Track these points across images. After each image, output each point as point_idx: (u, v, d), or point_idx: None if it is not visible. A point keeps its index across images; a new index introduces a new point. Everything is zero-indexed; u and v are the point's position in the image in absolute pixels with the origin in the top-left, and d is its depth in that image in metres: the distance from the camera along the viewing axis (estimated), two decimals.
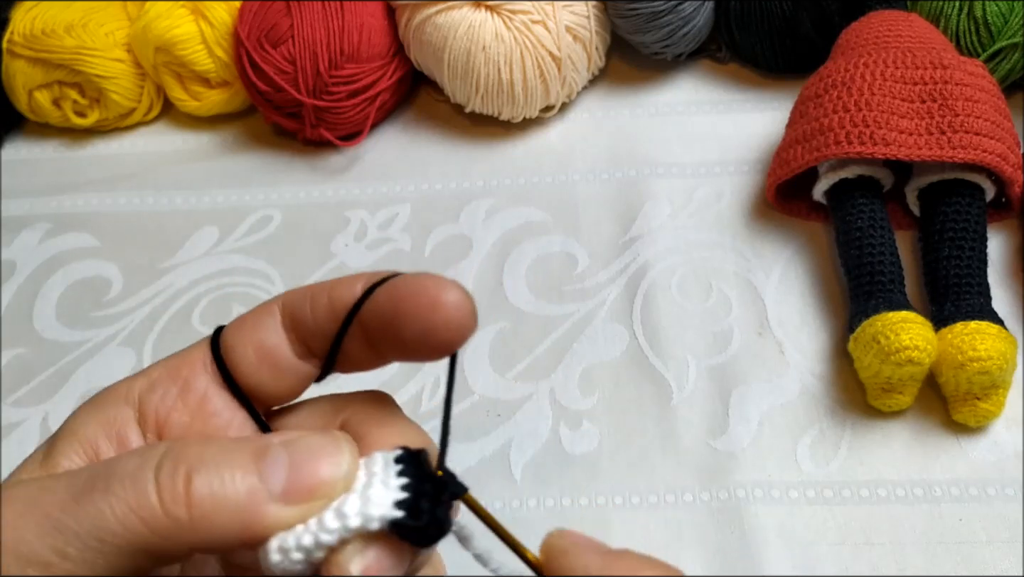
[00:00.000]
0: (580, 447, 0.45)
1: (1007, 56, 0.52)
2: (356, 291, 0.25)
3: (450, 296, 0.23)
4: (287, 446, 0.22)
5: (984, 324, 0.42)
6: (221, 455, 0.21)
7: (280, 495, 0.21)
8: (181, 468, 0.21)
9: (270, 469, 0.21)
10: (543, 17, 0.54)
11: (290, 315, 0.25)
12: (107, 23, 0.59)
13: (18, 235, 0.57)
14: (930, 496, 0.42)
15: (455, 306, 0.23)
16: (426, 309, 0.23)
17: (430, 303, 0.23)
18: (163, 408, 0.25)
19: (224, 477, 0.21)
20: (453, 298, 0.23)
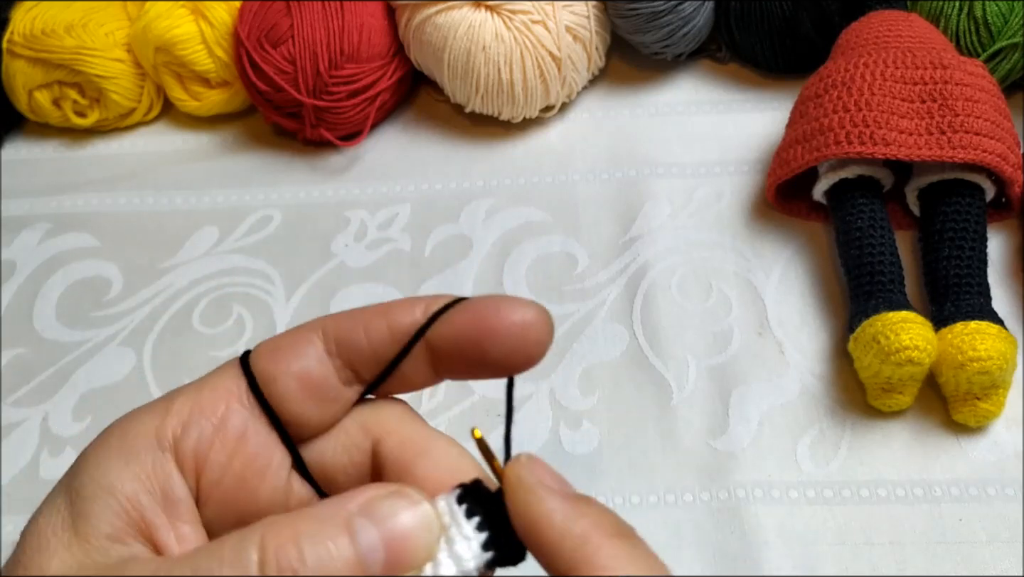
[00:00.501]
0: (580, 447, 0.45)
1: (1007, 56, 0.52)
2: (416, 316, 0.24)
3: (535, 315, 0.24)
4: (370, 517, 0.21)
5: (984, 324, 0.42)
6: (316, 531, 0.20)
7: (382, 569, 0.21)
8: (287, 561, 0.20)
9: (364, 545, 0.21)
10: (543, 17, 0.54)
11: (338, 342, 0.25)
12: (107, 23, 0.59)
13: (18, 235, 0.57)
14: (930, 496, 0.42)
15: (541, 325, 0.24)
16: (517, 328, 0.24)
17: (520, 324, 0.24)
18: (201, 449, 0.24)
19: (326, 552, 0.20)
20: (539, 317, 0.24)
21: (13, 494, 0.45)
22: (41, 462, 0.47)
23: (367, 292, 0.52)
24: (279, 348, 0.25)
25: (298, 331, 0.25)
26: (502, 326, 0.24)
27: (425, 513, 0.22)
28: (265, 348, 0.25)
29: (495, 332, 0.24)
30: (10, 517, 0.44)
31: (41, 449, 0.47)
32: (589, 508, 0.22)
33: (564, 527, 0.21)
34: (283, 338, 0.25)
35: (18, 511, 0.45)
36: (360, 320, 0.25)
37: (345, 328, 0.25)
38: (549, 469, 0.23)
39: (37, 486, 0.46)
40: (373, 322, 0.25)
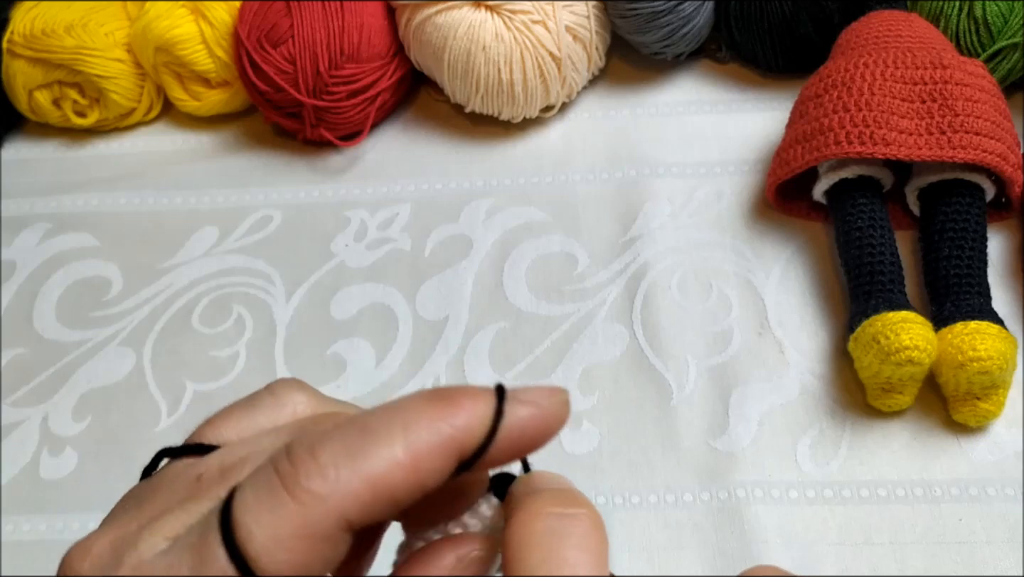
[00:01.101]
0: (580, 447, 0.45)
1: (1007, 56, 0.52)
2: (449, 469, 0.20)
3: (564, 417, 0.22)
4: None
5: (984, 324, 0.42)
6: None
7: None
8: None
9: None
10: (543, 17, 0.54)
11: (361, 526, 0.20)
12: (107, 23, 0.59)
13: (18, 235, 0.57)
14: (930, 496, 0.42)
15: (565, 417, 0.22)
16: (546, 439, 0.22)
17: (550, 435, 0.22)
18: None
19: None
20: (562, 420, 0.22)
21: (13, 494, 0.45)
22: (41, 462, 0.47)
23: (367, 292, 0.52)
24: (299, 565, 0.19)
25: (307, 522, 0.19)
26: (535, 443, 0.22)
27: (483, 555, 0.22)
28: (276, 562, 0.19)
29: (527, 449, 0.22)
30: (10, 517, 0.44)
31: (41, 449, 0.47)
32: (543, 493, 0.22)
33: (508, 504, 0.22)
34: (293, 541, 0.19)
35: (18, 511, 0.45)
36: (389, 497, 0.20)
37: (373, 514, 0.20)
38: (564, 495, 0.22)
39: (37, 486, 0.46)
40: (403, 494, 0.20)
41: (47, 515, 0.45)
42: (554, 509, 0.21)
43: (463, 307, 0.50)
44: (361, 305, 0.51)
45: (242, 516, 0.19)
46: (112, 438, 0.47)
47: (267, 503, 0.19)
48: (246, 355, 0.50)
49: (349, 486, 0.19)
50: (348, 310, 0.51)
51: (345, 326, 0.50)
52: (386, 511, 0.20)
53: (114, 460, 0.47)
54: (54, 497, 0.45)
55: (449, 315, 0.50)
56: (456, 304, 0.50)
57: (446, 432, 0.20)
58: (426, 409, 0.20)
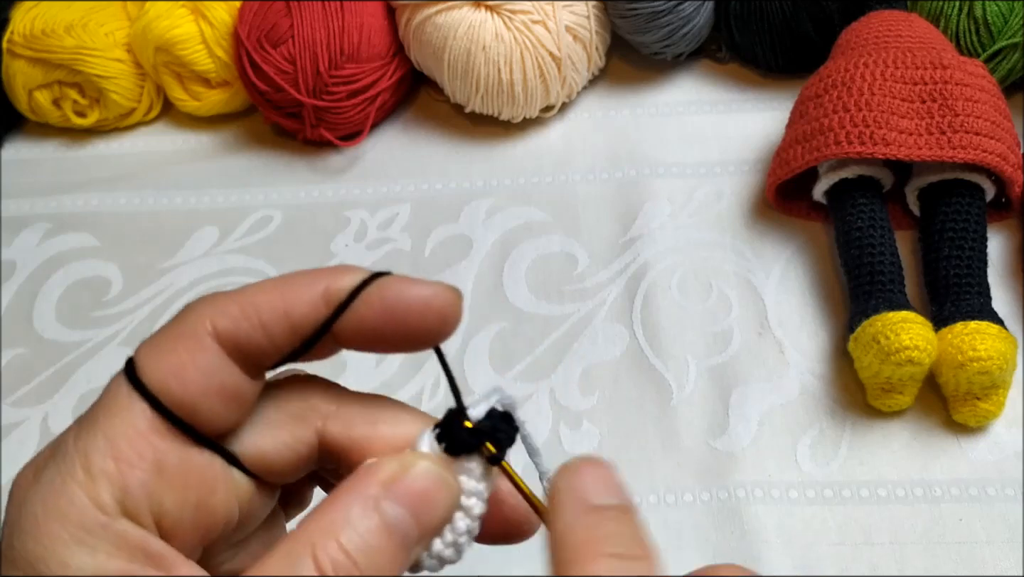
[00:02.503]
0: (580, 447, 0.45)
1: (1007, 56, 0.52)
2: (318, 307, 0.23)
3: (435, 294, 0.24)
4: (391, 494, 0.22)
5: (984, 324, 0.42)
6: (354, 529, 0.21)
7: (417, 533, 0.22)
8: None
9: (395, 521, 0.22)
10: (543, 17, 0.54)
11: (236, 344, 0.23)
12: (107, 23, 0.59)
13: (18, 235, 0.57)
14: (930, 496, 0.42)
15: (446, 302, 0.24)
16: (422, 311, 0.23)
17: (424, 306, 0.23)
18: (153, 501, 0.22)
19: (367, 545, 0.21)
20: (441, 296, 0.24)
21: None
22: None
23: None
24: (177, 364, 0.22)
25: (184, 333, 0.23)
26: (408, 313, 0.23)
27: (431, 471, 0.22)
28: (156, 363, 0.22)
29: (402, 320, 0.23)
30: None
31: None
32: (602, 523, 0.22)
33: (565, 533, 0.21)
34: (171, 345, 0.23)
35: None
36: (254, 313, 0.23)
37: (240, 328, 0.23)
38: (601, 474, 0.23)
39: None
40: (270, 316, 0.23)
41: None
42: (617, 550, 0.21)
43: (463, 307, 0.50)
44: None
45: (141, 350, 0.23)
46: None
47: (159, 336, 0.23)
48: None
49: (220, 303, 0.23)
50: None
51: None
52: (253, 330, 0.22)
53: None
54: None
55: None
56: None
57: (317, 275, 0.23)
58: (310, 271, 0.24)
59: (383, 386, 0.47)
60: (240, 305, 0.23)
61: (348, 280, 0.23)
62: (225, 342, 0.23)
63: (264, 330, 0.23)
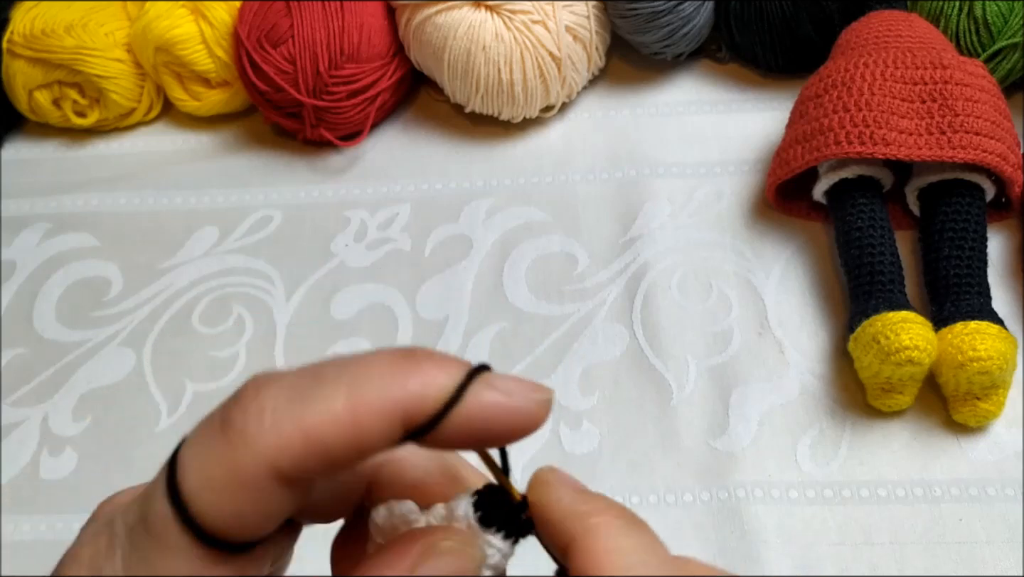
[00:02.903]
0: (580, 447, 0.45)
1: (1007, 56, 0.52)
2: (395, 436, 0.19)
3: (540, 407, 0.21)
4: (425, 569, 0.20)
5: (984, 324, 0.42)
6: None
7: None
8: None
9: None
10: (543, 17, 0.54)
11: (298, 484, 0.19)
12: (107, 23, 0.59)
13: (18, 235, 0.57)
14: (930, 496, 0.42)
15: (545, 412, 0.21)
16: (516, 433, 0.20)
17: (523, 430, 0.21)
18: None
19: None
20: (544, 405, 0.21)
21: (13, 494, 0.45)
22: (41, 462, 0.47)
23: (367, 292, 0.52)
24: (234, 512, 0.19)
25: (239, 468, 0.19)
26: (500, 431, 0.20)
27: (454, 548, 0.21)
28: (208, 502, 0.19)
29: (490, 438, 0.20)
30: (10, 517, 0.44)
31: (41, 449, 0.47)
32: (599, 498, 0.22)
33: (570, 508, 0.21)
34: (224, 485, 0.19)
35: (18, 511, 0.45)
36: (322, 452, 0.19)
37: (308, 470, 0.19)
38: (568, 476, 0.23)
39: (37, 486, 0.46)
40: (341, 454, 0.19)
41: (47, 515, 0.45)
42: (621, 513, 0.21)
43: (463, 307, 0.50)
44: (361, 305, 0.51)
45: (184, 454, 0.19)
46: (112, 438, 0.47)
47: (204, 441, 0.19)
48: (246, 355, 0.50)
49: (281, 432, 0.18)
50: (348, 310, 0.51)
51: (345, 326, 0.50)
52: (320, 467, 0.19)
53: (114, 460, 0.47)
54: (54, 497, 0.45)
55: (449, 315, 0.50)
56: (456, 304, 0.50)
57: (395, 394, 0.19)
58: (384, 365, 0.19)
59: None
60: (305, 439, 0.18)
61: (431, 399, 0.19)
62: (287, 482, 0.19)
63: (332, 468, 0.19)
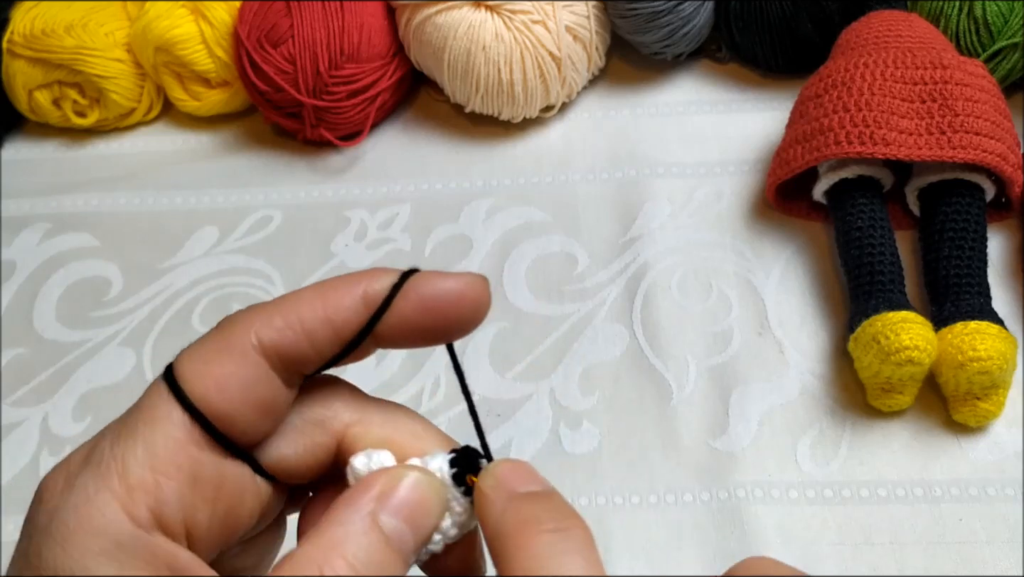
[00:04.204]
0: (580, 447, 0.45)
1: (1007, 56, 0.52)
2: (359, 309, 0.23)
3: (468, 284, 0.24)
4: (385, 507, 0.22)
5: (984, 324, 0.42)
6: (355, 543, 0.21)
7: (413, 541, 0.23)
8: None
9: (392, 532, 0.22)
10: (543, 17, 0.54)
11: (279, 354, 0.23)
12: (107, 23, 0.59)
13: (18, 235, 0.57)
14: (930, 496, 0.42)
15: (477, 291, 0.24)
16: (456, 302, 0.24)
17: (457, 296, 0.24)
18: (186, 514, 0.22)
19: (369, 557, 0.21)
20: (472, 285, 0.24)
21: (13, 494, 0.45)
22: (41, 462, 0.47)
23: None
24: (220, 376, 0.22)
25: (228, 345, 0.23)
26: (445, 305, 0.24)
27: (421, 480, 0.23)
28: (198, 374, 0.22)
29: (439, 313, 0.24)
30: (10, 517, 0.44)
31: (41, 449, 0.47)
32: (533, 504, 0.22)
33: (498, 523, 0.22)
34: (214, 357, 0.23)
35: (18, 511, 0.45)
36: (297, 322, 0.23)
37: (285, 338, 0.23)
38: (520, 469, 0.23)
39: None
40: (313, 324, 0.23)
41: None
42: (550, 525, 0.21)
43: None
44: None
45: (180, 359, 0.23)
46: None
47: (200, 340, 0.23)
48: None
49: (265, 315, 0.23)
50: None
51: None
52: (298, 340, 0.23)
53: None
54: None
55: None
56: None
57: (354, 279, 0.24)
58: (343, 277, 0.24)
59: (383, 386, 0.47)
60: (284, 316, 0.23)
61: (384, 280, 0.24)
62: (269, 354, 0.23)
63: (308, 339, 0.23)
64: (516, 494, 0.23)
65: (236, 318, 0.23)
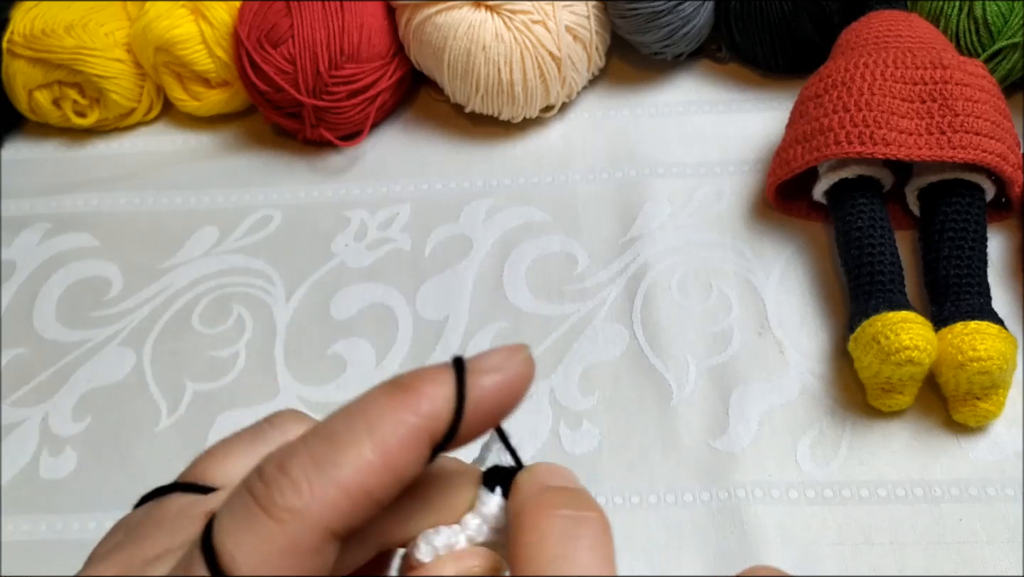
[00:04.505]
0: (580, 447, 0.45)
1: (1007, 56, 0.52)
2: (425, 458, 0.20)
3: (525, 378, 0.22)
4: None
5: (984, 324, 0.42)
6: None
7: None
8: None
9: None
10: (543, 17, 0.54)
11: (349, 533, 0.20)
12: (107, 23, 0.59)
13: (18, 235, 0.57)
14: (930, 496, 0.42)
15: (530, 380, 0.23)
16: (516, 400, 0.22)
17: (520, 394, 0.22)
18: None
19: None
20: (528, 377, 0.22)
21: (13, 494, 0.45)
22: (41, 462, 0.47)
23: (367, 292, 0.52)
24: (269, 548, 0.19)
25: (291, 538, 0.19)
26: (502, 407, 0.22)
27: None
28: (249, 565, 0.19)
29: (496, 416, 0.22)
30: (10, 517, 0.44)
31: (41, 449, 0.47)
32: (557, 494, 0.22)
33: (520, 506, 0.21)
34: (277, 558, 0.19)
35: (18, 511, 0.45)
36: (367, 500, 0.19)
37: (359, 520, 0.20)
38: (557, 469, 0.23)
39: (37, 486, 0.46)
40: (384, 494, 0.20)
41: (47, 515, 0.45)
42: (566, 511, 0.21)
43: (463, 307, 0.50)
44: (361, 305, 0.51)
45: (223, 542, 0.19)
46: (112, 438, 0.47)
47: (246, 526, 0.19)
48: (246, 355, 0.50)
49: (326, 496, 0.19)
50: (348, 310, 0.51)
51: (345, 326, 0.50)
52: (368, 512, 0.20)
53: (114, 460, 0.47)
54: (54, 497, 0.45)
55: (449, 315, 0.50)
56: (456, 304, 0.50)
57: (412, 423, 0.20)
58: (387, 403, 0.20)
59: None
60: (350, 496, 0.19)
61: (443, 412, 0.21)
62: (340, 539, 0.20)
63: (379, 508, 0.20)
64: (546, 487, 0.22)
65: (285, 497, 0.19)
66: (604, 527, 0.21)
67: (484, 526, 0.23)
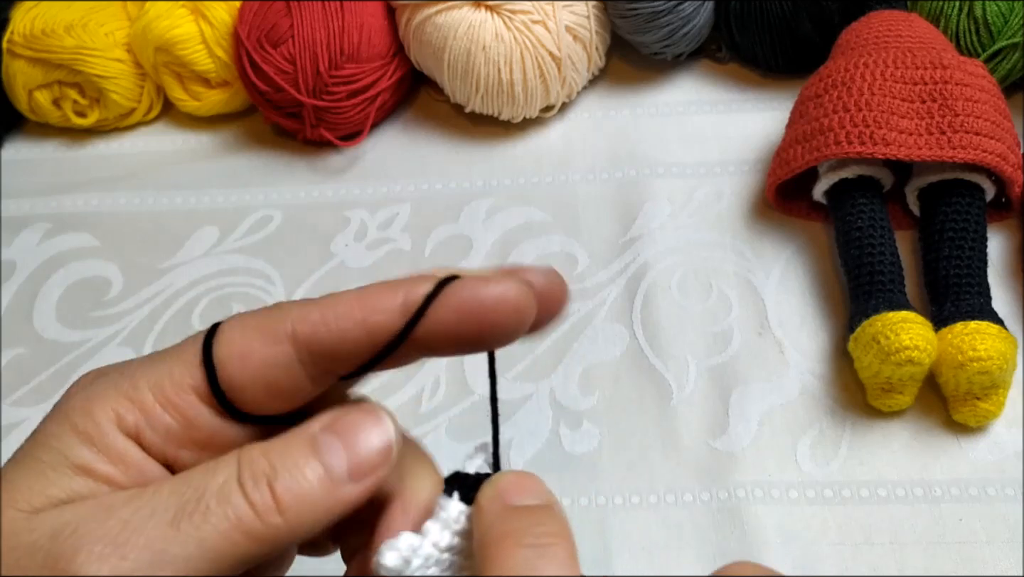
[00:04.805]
0: (580, 447, 0.45)
1: (1007, 56, 0.52)
2: (395, 316, 0.23)
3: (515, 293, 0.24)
4: (333, 432, 0.23)
5: (984, 324, 0.42)
6: (286, 456, 0.22)
7: (348, 477, 0.22)
8: (262, 479, 0.22)
9: (328, 456, 0.22)
10: (543, 17, 0.54)
11: (311, 350, 0.24)
12: (107, 23, 0.59)
13: (18, 235, 0.57)
14: (930, 496, 0.42)
15: (524, 301, 0.24)
16: (500, 310, 0.23)
17: (501, 304, 0.23)
18: (168, 446, 0.24)
19: (297, 476, 0.22)
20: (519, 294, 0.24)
21: None
22: None
23: None
24: (245, 349, 0.24)
25: (266, 325, 0.24)
26: (484, 313, 0.23)
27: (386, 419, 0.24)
28: (230, 346, 0.24)
29: (478, 320, 0.23)
30: None
31: None
32: (521, 518, 0.22)
33: (484, 534, 0.22)
34: (251, 332, 0.24)
35: None
36: (333, 322, 0.23)
37: (317, 333, 0.23)
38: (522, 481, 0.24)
39: None
40: (348, 324, 0.23)
41: None
42: (529, 540, 0.22)
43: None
44: None
45: (232, 319, 0.24)
46: None
47: (254, 312, 0.24)
48: None
49: (306, 310, 0.23)
50: None
51: None
52: (331, 337, 0.23)
53: None
54: None
55: None
56: None
57: (395, 285, 0.24)
58: (383, 283, 0.24)
59: (383, 386, 0.47)
60: (321, 312, 0.24)
61: (424, 286, 0.24)
62: (300, 346, 0.23)
63: (341, 338, 0.23)
64: (509, 507, 0.23)
65: (285, 305, 0.24)
66: (569, 552, 0.22)
67: (446, 532, 0.23)
